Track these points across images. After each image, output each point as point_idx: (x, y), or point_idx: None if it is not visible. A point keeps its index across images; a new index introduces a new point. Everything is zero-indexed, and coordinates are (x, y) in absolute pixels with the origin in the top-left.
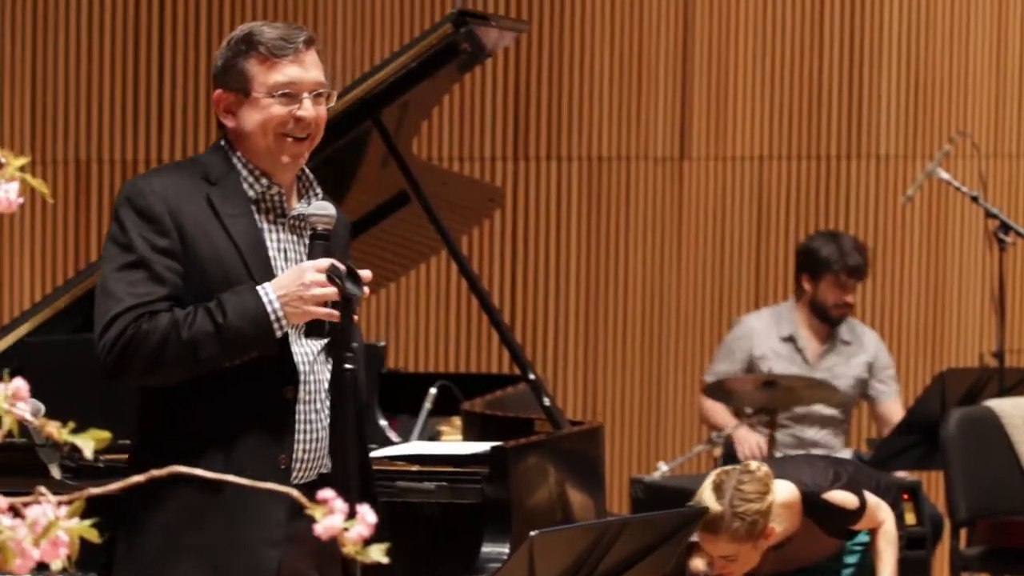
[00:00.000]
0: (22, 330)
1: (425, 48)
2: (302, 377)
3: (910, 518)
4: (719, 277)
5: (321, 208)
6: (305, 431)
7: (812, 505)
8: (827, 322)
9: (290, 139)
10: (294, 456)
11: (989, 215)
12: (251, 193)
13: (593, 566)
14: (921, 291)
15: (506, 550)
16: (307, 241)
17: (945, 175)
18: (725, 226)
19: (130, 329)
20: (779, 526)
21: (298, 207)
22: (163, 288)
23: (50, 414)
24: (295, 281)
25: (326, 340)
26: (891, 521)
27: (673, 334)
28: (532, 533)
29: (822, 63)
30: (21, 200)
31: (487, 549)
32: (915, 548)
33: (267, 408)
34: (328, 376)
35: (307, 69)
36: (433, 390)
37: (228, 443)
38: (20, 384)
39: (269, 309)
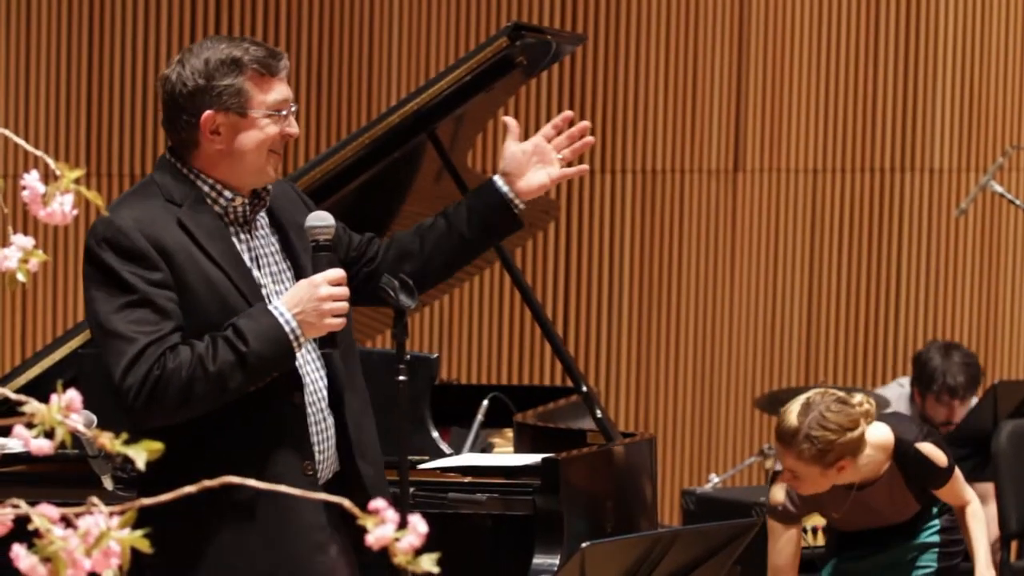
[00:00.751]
0: (76, 341)
1: (480, 61)
2: (306, 379)
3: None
4: (772, 290)
5: (320, 219)
6: (317, 432)
7: (904, 451)
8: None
9: (274, 153)
10: (316, 460)
11: None
12: (216, 208)
13: None
14: (974, 304)
15: (557, 561)
16: (273, 240)
17: (999, 188)
18: (779, 239)
19: (155, 369)
20: (865, 465)
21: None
22: (171, 320)
23: (103, 425)
24: (310, 297)
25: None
26: (978, 502)
27: (726, 346)
28: (583, 544)
29: (876, 76)
30: (76, 212)
31: (538, 560)
32: (963, 559)
33: (282, 419)
34: (322, 375)
35: (287, 87)
36: (485, 402)
37: (256, 461)
38: (74, 395)
39: (287, 329)
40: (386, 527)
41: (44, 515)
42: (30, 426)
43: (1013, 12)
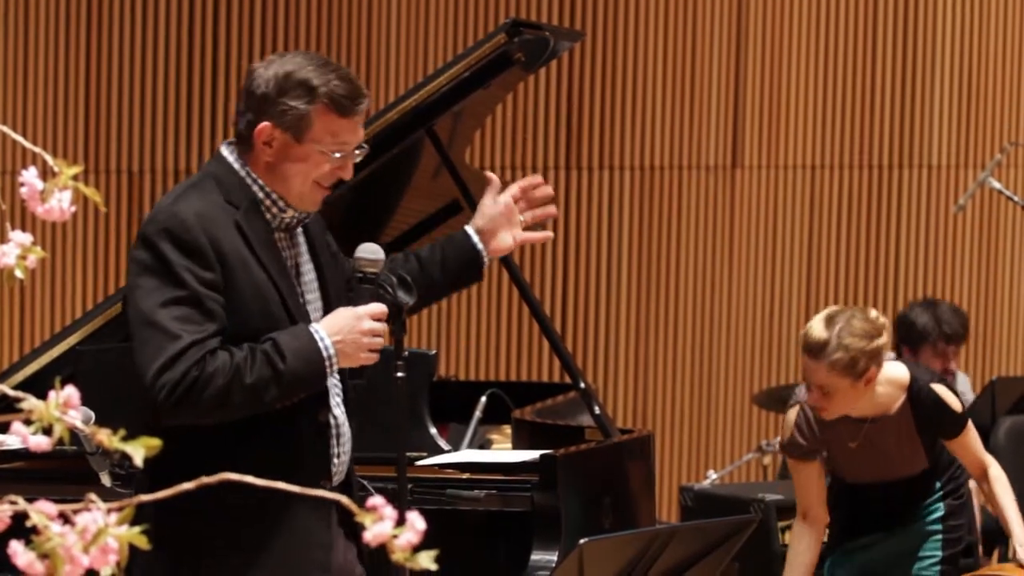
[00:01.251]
0: (74, 338)
1: (478, 58)
2: (332, 400)
3: None
4: (770, 286)
5: (370, 252)
6: (337, 446)
7: (918, 389)
8: None
9: (321, 186)
10: (332, 476)
11: None
12: (268, 216)
13: (642, 574)
14: (972, 300)
15: (555, 558)
16: (304, 248)
17: (997, 184)
18: (776, 235)
19: (194, 370)
20: (880, 400)
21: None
22: (214, 323)
23: (101, 422)
24: (351, 328)
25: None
26: (997, 465)
27: (724, 343)
28: (581, 541)
29: (874, 72)
30: (74, 209)
31: (536, 557)
32: (965, 556)
33: (306, 435)
34: (339, 391)
35: (359, 131)
36: (484, 398)
37: (276, 474)
38: (71, 392)
39: (325, 354)
40: (384, 524)
41: (42, 512)
42: (28, 423)
43: (1011, 8)
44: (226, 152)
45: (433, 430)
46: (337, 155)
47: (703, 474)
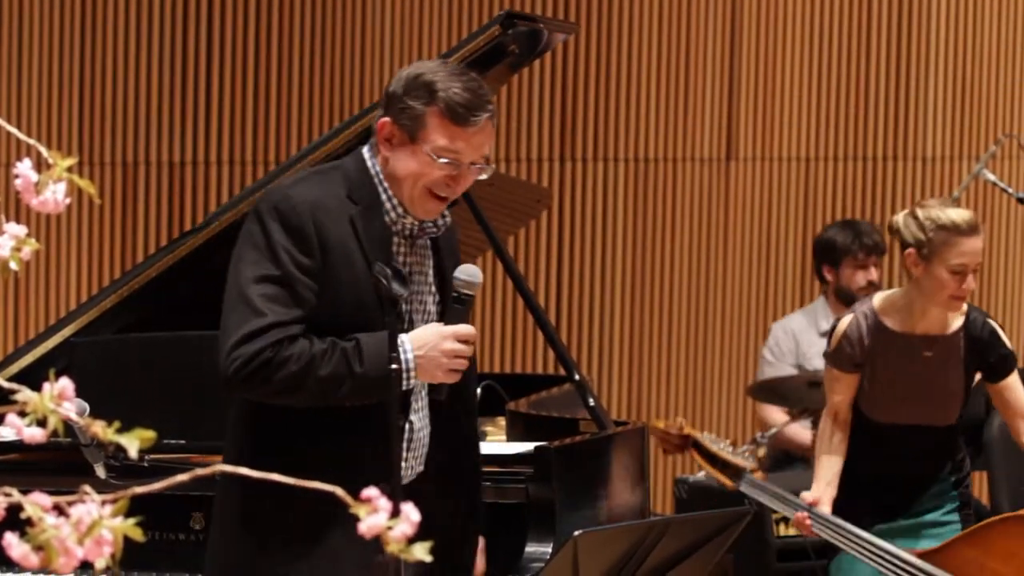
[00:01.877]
0: (68, 330)
1: (473, 50)
2: (415, 405)
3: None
4: (765, 278)
5: (469, 275)
6: (408, 451)
7: (976, 316)
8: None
9: (433, 195)
10: (401, 475)
11: None
12: (387, 219)
13: (636, 565)
14: None
15: (549, 550)
16: (429, 260)
17: (991, 176)
18: (771, 227)
19: (268, 351)
20: (944, 313)
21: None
22: (301, 309)
23: (95, 414)
24: (435, 345)
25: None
26: None
27: (718, 335)
28: (576, 533)
29: (869, 65)
30: (68, 201)
31: (531, 549)
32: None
33: (375, 440)
34: (423, 395)
35: (478, 144)
36: (478, 390)
37: (341, 467)
38: (66, 384)
39: (405, 367)
40: (378, 516)
41: (36, 503)
42: (23, 414)
43: (1006, 1)
44: (365, 149)
45: None
46: (444, 161)
47: (697, 466)
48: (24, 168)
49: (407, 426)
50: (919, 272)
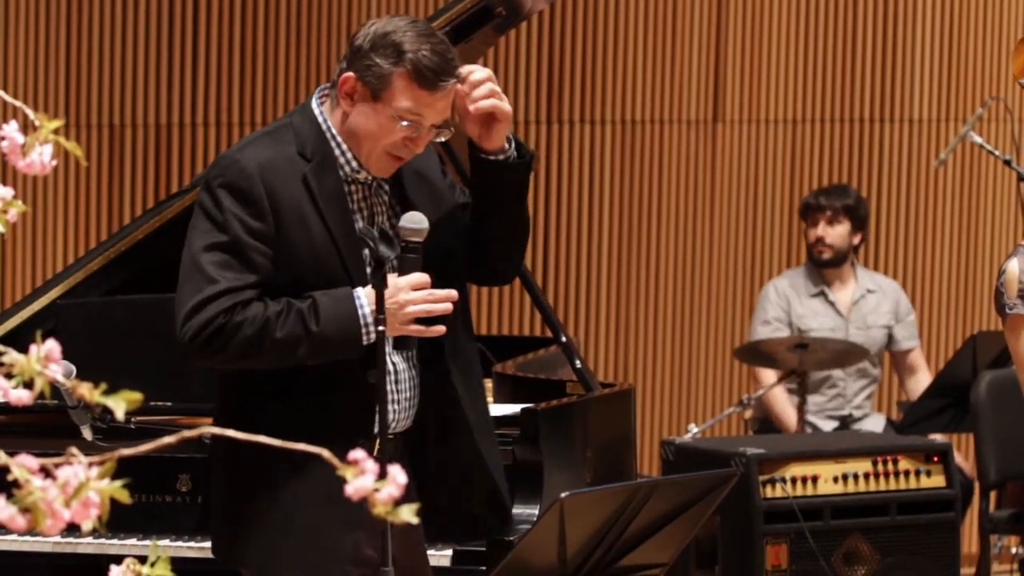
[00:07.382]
0: (55, 292)
1: (459, 12)
2: (390, 358)
3: (939, 480)
4: (751, 240)
5: (414, 222)
6: (397, 403)
7: None
8: (818, 265)
9: (391, 155)
10: (386, 427)
11: (1022, 179)
12: (341, 173)
13: (623, 527)
14: (953, 254)
15: (536, 511)
16: (386, 188)
17: (978, 139)
18: (758, 189)
19: (221, 318)
20: None
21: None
22: (254, 275)
23: (82, 376)
24: (389, 298)
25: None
26: None
27: (705, 297)
28: (562, 494)
29: (856, 27)
30: (55, 163)
31: (517, 510)
32: (944, 510)
33: (352, 394)
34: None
35: (442, 109)
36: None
37: (318, 424)
38: (52, 346)
39: (362, 322)
40: (366, 477)
41: (23, 465)
42: (9, 376)
43: None
44: (313, 102)
45: None
46: (405, 123)
47: (684, 428)
48: (10, 130)
49: (390, 379)
50: None
